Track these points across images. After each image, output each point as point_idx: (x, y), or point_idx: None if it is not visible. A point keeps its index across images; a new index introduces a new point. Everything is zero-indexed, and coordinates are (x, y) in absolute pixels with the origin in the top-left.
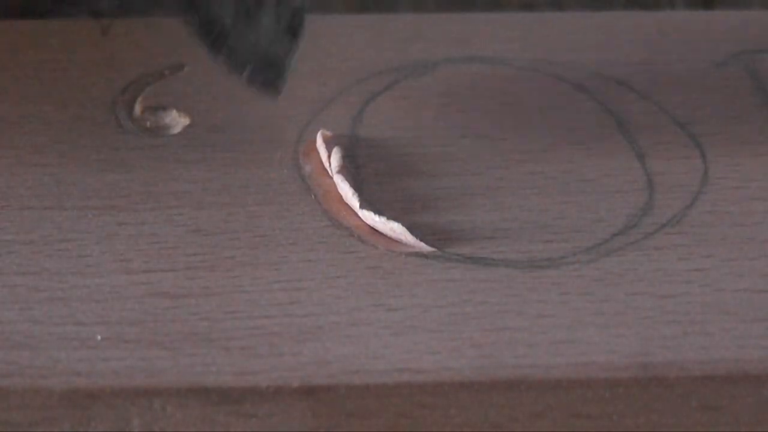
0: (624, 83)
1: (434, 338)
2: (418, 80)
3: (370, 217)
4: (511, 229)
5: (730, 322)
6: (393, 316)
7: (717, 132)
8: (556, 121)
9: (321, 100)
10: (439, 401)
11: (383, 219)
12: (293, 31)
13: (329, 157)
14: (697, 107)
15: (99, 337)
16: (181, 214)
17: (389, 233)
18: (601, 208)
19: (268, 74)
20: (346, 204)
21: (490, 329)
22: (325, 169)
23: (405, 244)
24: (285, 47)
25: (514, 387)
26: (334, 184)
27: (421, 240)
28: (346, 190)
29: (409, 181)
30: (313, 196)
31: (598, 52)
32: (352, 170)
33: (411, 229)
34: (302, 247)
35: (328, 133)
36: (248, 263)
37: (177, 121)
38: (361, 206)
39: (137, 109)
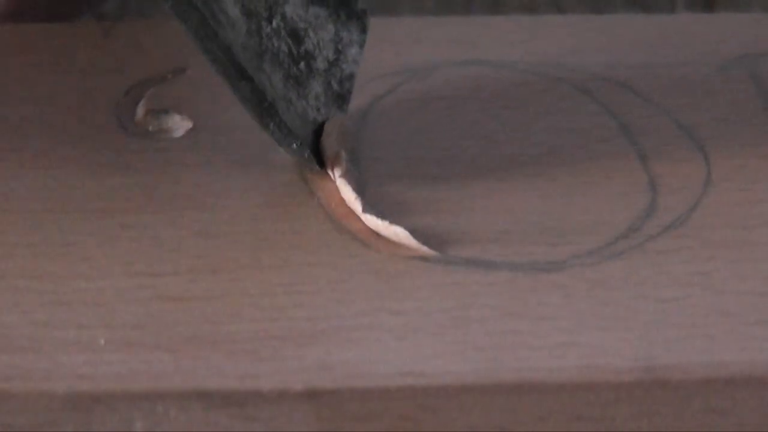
0: (626, 86)
1: (437, 341)
2: (420, 83)
3: (372, 221)
4: (513, 232)
5: (733, 325)
6: (396, 320)
7: (720, 135)
8: (558, 124)
9: None
10: (442, 404)
11: (386, 222)
12: (341, 98)
13: (332, 160)
14: (699, 110)
15: (102, 341)
16: (183, 217)
17: (392, 237)
18: (603, 210)
19: (314, 144)
20: (349, 207)
21: (493, 332)
22: (328, 173)
23: (408, 248)
24: (330, 116)
25: (517, 390)
26: (336, 188)
27: (424, 243)
28: (348, 194)
29: (411, 184)
30: (315, 200)
31: (600, 55)
32: (354, 174)
33: (414, 232)
34: (305, 251)
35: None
36: (251, 266)
37: (179, 124)
38: (364, 210)
39: (140, 112)
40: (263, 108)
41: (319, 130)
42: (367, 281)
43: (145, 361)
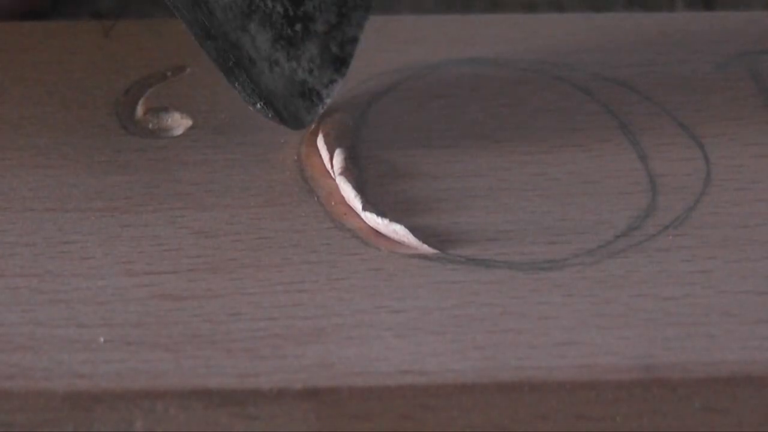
0: (626, 85)
1: (437, 340)
2: (420, 82)
3: (372, 219)
4: (513, 230)
5: (733, 324)
6: (396, 318)
7: (719, 133)
8: (558, 123)
9: None
10: (442, 403)
11: (386, 221)
12: (340, 62)
13: (332, 158)
14: (699, 109)
15: (102, 339)
16: (183, 216)
17: (392, 235)
18: (603, 209)
19: (298, 105)
20: (349, 206)
21: (493, 331)
22: (328, 171)
23: (408, 246)
24: (326, 78)
25: (517, 389)
26: (336, 186)
27: (424, 242)
28: (348, 192)
29: (411, 182)
30: (315, 198)
31: (599, 54)
32: (354, 172)
33: (413, 230)
34: (305, 249)
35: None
36: (251, 265)
37: (179, 122)
38: (364, 208)
39: (139, 110)
40: (227, 68)
41: (308, 92)
42: (366, 279)
43: (145, 360)
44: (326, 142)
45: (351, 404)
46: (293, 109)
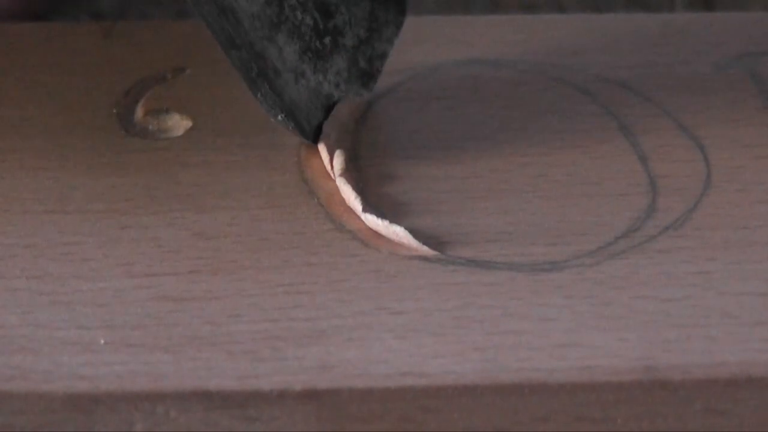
0: (626, 86)
1: (437, 342)
2: (420, 83)
3: (372, 221)
4: (514, 232)
5: (733, 326)
6: (396, 320)
7: (719, 135)
8: (558, 124)
9: None
10: (443, 405)
11: (386, 222)
12: (368, 77)
13: (332, 160)
14: (699, 110)
15: (102, 341)
16: (183, 218)
17: (392, 236)
18: (603, 211)
19: (321, 118)
20: (349, 207)
21: (494, 333)
22: (328, 173)
23: (408, 248)
24: (352, 93)
25: (518, 390)
26: (336, 188)
27: (424, 243)
28: (348, 194)
29: (411, 184)
30: (315, 200)
31: (599, 55)
32: (354, 173)
33: (414, 232)
34: (305, 251)
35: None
36: (251, 267)
37: (179, 124)
38: (364, 209)
39: (139, 112)
40: (250, 78)
41: (333, 106)
42: (367, 281)
43: (146, 362)
44: (326, 144)
45: (351, 406)
46: (315, 121)
